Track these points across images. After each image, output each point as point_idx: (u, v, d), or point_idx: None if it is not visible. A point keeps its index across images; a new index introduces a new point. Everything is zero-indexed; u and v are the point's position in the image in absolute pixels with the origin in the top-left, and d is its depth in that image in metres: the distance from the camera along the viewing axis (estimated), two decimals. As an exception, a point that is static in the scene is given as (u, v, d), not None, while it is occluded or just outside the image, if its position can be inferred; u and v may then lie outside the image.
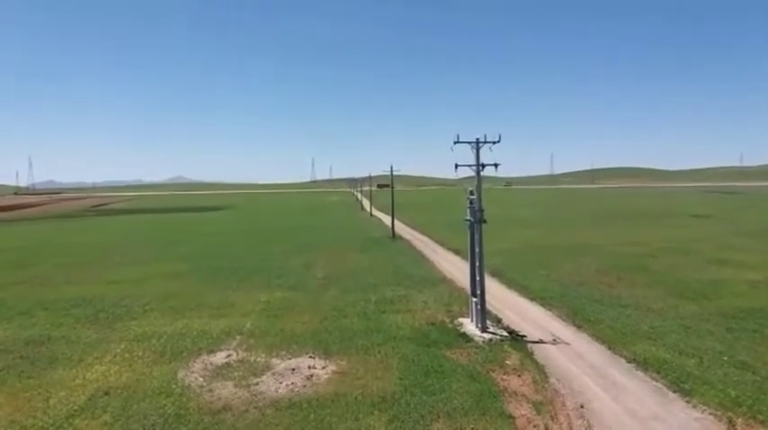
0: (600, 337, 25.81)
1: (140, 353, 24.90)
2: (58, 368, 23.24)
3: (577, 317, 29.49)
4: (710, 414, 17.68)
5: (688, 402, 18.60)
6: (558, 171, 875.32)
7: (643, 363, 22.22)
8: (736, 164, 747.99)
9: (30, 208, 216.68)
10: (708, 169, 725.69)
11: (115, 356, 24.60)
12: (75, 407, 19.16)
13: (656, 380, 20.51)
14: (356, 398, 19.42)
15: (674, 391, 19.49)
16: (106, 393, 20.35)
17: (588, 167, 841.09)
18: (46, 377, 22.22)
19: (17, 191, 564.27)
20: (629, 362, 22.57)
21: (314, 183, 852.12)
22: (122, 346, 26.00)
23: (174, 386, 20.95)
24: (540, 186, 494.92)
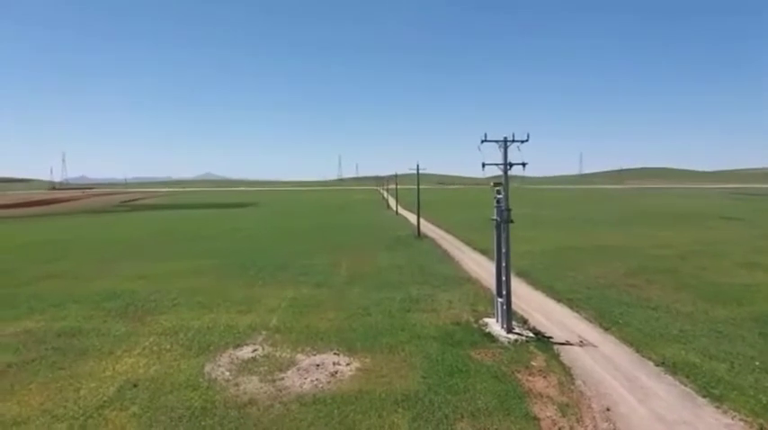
0: (628, 340, 25.42)
1: (168, 347, 25.31)
2: (89, 360, 23.75)
3: (605, 319, 29.09)
4: (741, 420, 17.30)
5: (718, 408, 18.22)
6: (587, 171, 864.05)
7: (672, 367, 21.83)
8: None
9: (63, 202, 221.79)
10: (739, 171, 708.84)
11: (144, 349, 25.05)
12: (105, 398, 19.56)
13: (686, 385, 20.14)
14: (380, 395, 19.46)
15: (704, 396, 19.11)
16: (135, 385, 20.73)
17: (617, 167, 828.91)
18: (77, 368, 22.72)
19: (54, 186, 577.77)
20: (658, 365, 22.20)
21: (340, 180, 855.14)
22: (151, 340, 26.47)
23: (200, 379, 21.25)
24: (569, 186, 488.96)
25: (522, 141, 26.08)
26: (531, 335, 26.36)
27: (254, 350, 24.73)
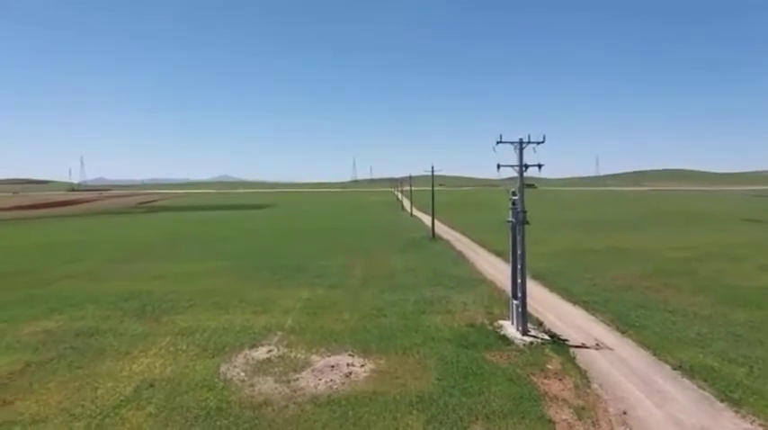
0: (645, 343, 25.15)
1: (184, 347, 25.50)
2: (106, 359, 24.00)
3: (621, 322, 28.82)
4: (760, 425, 17.03)
5: (737, 412, 17.96)
6: (603, 172, 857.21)
7: (689, 371, 21.56)
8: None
9: (81, 203, 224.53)
10: (759, 173, 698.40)
11: (160, 349, 25.26)
12: (122, 398, 19.75)
13: (704, 389, 19.87)
14: (394, 397, 19.44)
15: (722, 401, 18.85)
16: (151, 385, 20.91)
17: (634, 169, 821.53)
18: (94, 367, 22.97)
19: (73, 187, 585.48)
20: (675, 369, 21.93)
21: (355, 182, 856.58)
22: (167, 340, 26.68)
23: (216, 380, 21.38)
24: (585, 188, 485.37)
25: (538, 143, 25.91)
26: (546, 337, 26.18)
27: (270, 351, 24.83)
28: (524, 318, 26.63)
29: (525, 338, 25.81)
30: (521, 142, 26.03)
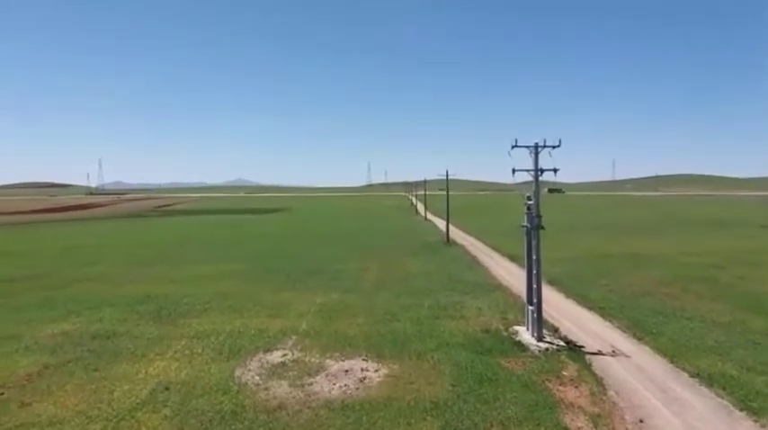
0: (662, 350, 24.82)
1: (200, 351, 25.63)
2: (122, 362, 24.18)
3: (638, 328, 28.48)
4: (782, 435, 16.73)
5: (756, 421, 17.65)
6: (620, 177, 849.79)
7: (708, 379, 21.22)
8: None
9: (99, 207, 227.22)
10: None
11: (176, 352, 25.40)
12: (138, 401, 19.87)
13: (722, 397, 19.56)
14: (408, 402, 19.36)
15: (741, 410, 18.52)
16: (167, 388, 21.02)
17: (651, 174, 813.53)
18: (111, 370, 23.14)
19: (91, 191, 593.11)
20: (693, 376, 21.61)
21: (369, 186, 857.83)
22: (183, 343, 26.83)
23: (231, 383, 21.45)
24: (602, 193, 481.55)
25: (554, 147, 25.74)
26: (562, 344, 25.95)
27: (284, 355, 24.87)
28: (540, 324, 26.43)
29: (540, 344, 25.60)
30: (536, 146, 25.86)
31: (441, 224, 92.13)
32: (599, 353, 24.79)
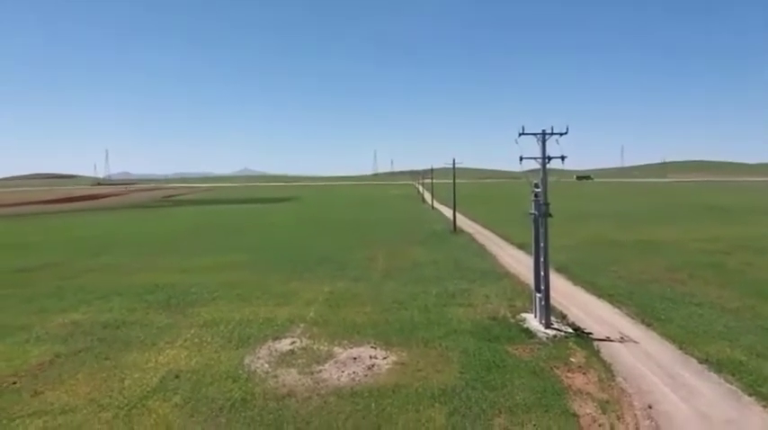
0: (670, 336, 24.79)
1: (209, 339, 25.81)
2: (133, 351, 24.41)
3: (647, 315, 28.43)
4: (791, 421, 16.71)
5: (765, 406, 17.63)
6: (628, 164, 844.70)
7: (716, 365, 21.20)
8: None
9: (107, 197, 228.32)
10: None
11: (185, 341, 25.60)
12: (148, 389, 20.08)
13: (731, 383, 19.53)
14: (416, 389, 19.46)
15: (750, 395, 18.52)
16: (177, 376, 21.22)
17: (660, 160, 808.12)
18: (121, 359, 23.37)
19: (98, 182, 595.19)
20: (702, 362, 21.59)
21: (376, 175, 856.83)
22: (192, 332, 27.03)
23: (240, 371, 21.61)
24: (610, 179, 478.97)
25: (561, 134, 25.60)
26: (570, 330, 25.94)
27: (293, 342, 25.02)
28: (548, 311, 26.42)
29: (548, 331, 25.61)
30: (543, 133, 25.74)
31: (448, 212, 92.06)
32: (607, 339, 24.77)
